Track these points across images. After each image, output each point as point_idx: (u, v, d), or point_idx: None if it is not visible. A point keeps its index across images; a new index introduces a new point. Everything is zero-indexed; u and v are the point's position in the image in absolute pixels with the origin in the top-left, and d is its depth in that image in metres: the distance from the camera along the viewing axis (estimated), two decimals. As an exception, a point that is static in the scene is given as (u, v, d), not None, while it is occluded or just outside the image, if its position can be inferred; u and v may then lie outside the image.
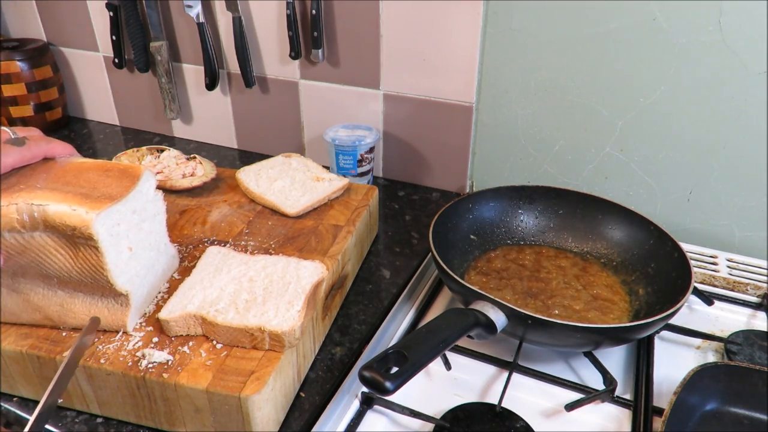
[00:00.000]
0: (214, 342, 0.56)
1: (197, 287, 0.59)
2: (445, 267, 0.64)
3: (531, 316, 0.57)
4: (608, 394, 0.59)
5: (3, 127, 0.56)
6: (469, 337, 0.56)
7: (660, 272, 0.70)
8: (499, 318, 0.57)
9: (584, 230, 0.79)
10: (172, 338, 0.56)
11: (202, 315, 0.55)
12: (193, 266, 0.64)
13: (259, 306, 0.57)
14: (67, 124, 1.21)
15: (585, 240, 0.79)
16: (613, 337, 0.60)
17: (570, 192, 0.80)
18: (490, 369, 0.64)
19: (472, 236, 0.78)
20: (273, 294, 0.58)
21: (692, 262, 0.66)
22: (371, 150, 0.94)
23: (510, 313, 0.58)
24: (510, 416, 0.56)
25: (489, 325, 0.57)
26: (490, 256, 0.77)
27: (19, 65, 1.08)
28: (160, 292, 0.62)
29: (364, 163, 0.94)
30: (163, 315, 0.56)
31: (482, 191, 0.81)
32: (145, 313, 0.59)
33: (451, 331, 0.54)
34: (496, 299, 0.58)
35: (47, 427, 0.55)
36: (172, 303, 0.57)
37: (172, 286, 0.63)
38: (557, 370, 0.63)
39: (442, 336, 0.53)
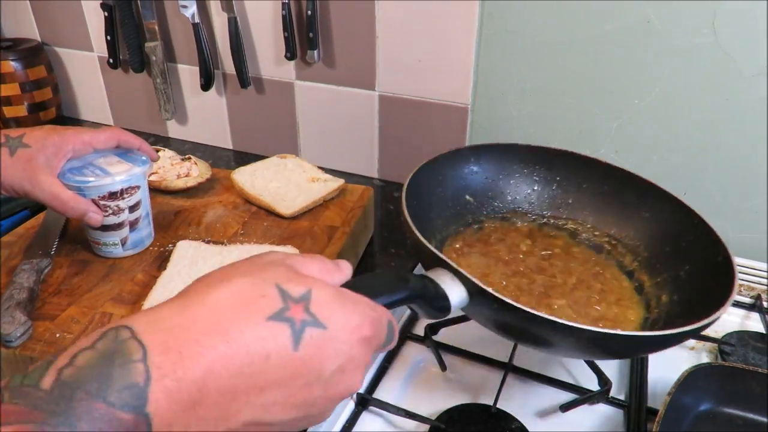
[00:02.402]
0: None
1: (176, 279, 0.60)
2: (409, 219, 0.52)
3: (498, 299, 0.45)
4: (603, 395, 0.59)
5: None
6: (414, 310, 0.46)
7: (694, 278, 0.57)
8: (456, 293, 0.46)
9: (610, 212, 0.65)
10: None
11: None
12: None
13: None
14: (62, 125, 1.21)
15: (608, 224, 0.65)
16: (608, 347, 0.50)
17: (599, 163, 0.67)
18: (485, 370, 0.64)
19: (468, 197, 0.65)
20: None
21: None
22: (120, 195, 0.64)
23: (474, 290, 0.46)
24: (505, 417, 0.56)
25: (439, 298, 0.46)
26: (485, 227, 0.65)
27: (12, 65, 1.07)
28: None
29: (104, 213, 0.64)
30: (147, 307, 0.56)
31: (491, 145, 0.68)
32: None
33: (382, 293, 0.41)
34: (460, 269, 0.46)
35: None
36: (154, 296, 0.58)
37: (149, 282, 0.63)
38: (552, 371, 0.63)
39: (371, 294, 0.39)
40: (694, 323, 0.46)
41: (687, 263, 0.59)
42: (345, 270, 0.40)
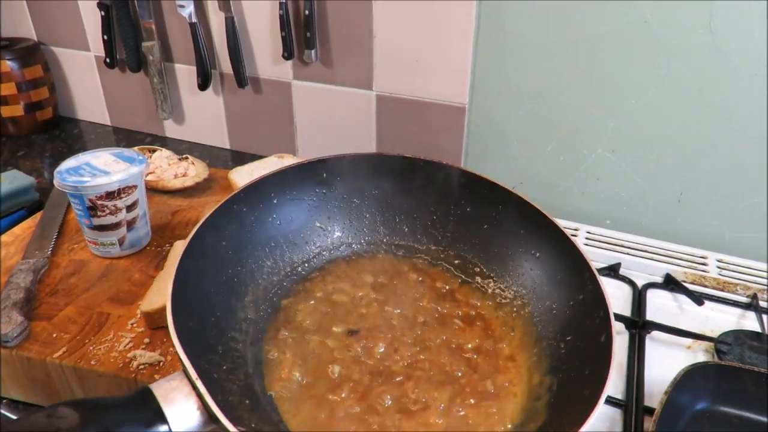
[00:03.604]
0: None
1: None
2: (171, 285, 0.38)
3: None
4: (600, 394, 0.59)
5: None
6: None
7: (572, 358, 0.41)
8: (181, 416, 0.32)
9: (496, 249, 0.50)
10: (164, 339, 0.56)
11: None
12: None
13: None
14: (58, 125, 1.20)
15: (492, 262, 0.50)
16: None
17: (491, 185, 0.51)
18: (482, 369, 0.63)
19: (318, 224, 0.51)
20: None
21: (622, 302, 0.43)
22: (118, 195, 0.64)
23: (213, 414, 0.33)
24: (502, 416, 0.55)
25: (155, 422, 0.32)
26: (335, 266, 0.48)
27: (9, 64, 1.07)
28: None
29: (102, 213, 0.65)
30: (144, 308, 0.56)
31: (346, 157, 0.54)
32: (137, 314, 0.59)
33: None
34: (197, 383, 0.32)
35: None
36: (152, 295, 0.58)
37: (147, 282, 0.63)
38: (549, 370, 0.63)
39: None
40: None
41: (570, 332, 0.43)
42: None
